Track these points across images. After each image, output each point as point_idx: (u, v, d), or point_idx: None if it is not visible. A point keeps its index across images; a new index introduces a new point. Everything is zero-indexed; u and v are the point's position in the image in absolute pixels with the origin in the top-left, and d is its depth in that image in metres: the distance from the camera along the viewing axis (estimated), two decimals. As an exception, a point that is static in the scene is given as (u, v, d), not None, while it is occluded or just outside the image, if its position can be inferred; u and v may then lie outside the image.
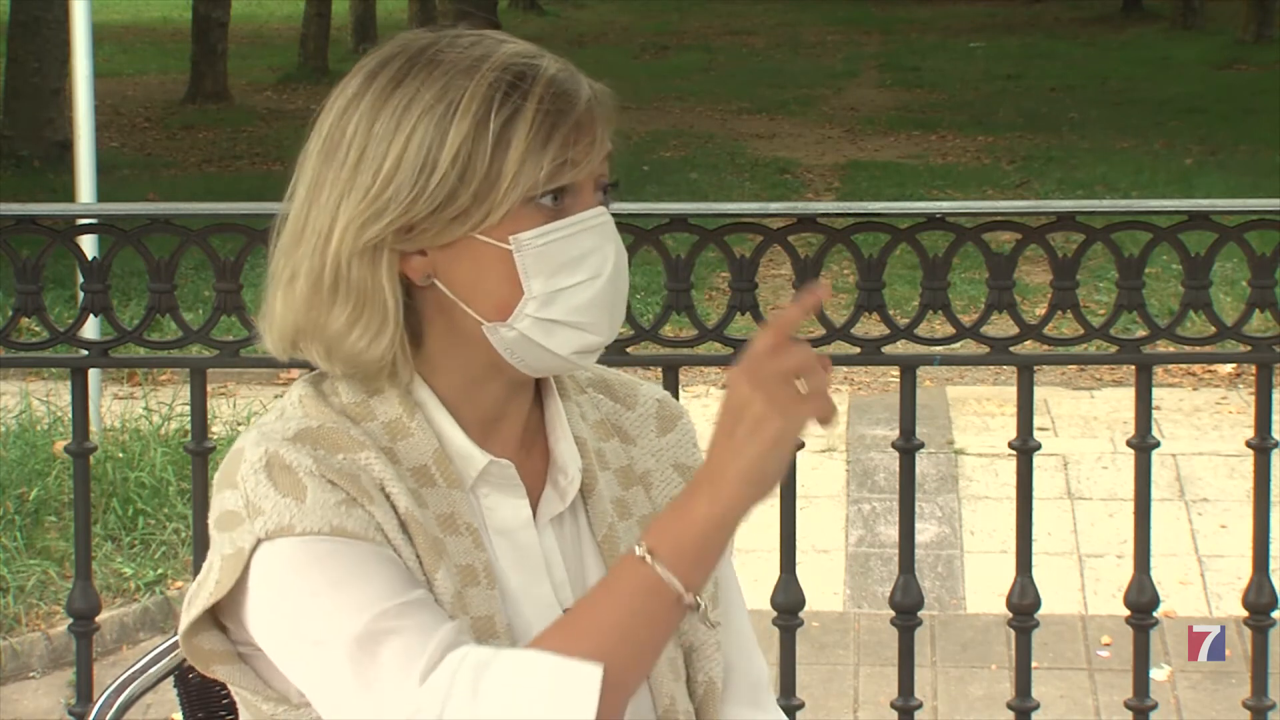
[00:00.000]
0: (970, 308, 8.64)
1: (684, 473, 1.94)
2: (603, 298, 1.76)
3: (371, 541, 1.69)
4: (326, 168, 1.75)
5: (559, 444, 1.85)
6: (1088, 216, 3.55)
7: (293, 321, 1.77)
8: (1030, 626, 3.60)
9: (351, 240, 1.72)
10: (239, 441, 1.78)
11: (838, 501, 7.20)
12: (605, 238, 1.76)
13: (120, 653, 6.04)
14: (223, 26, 19.41)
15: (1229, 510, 7.02)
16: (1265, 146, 15.50)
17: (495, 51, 1.75)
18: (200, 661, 1.76)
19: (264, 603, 1.70)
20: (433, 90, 1.73)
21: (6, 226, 3.55)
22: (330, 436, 1.74)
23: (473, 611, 1.73)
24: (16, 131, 14.84)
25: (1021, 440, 3.54)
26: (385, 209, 1.72)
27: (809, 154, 16.32)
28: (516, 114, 1.71)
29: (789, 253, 3.48)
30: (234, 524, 1.71)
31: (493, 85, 1.72)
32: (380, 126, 1.73)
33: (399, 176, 1.71)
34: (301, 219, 1.76)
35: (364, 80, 1.76)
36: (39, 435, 7.11)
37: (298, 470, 1.70)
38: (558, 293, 1.74)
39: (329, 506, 1.69)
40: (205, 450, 3.60)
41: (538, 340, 1.74)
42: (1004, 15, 29.40)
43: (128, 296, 9.16)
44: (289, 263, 1.76)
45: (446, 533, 1.75)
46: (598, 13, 30.63)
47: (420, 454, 1.77)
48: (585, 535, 1.86)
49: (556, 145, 1.72)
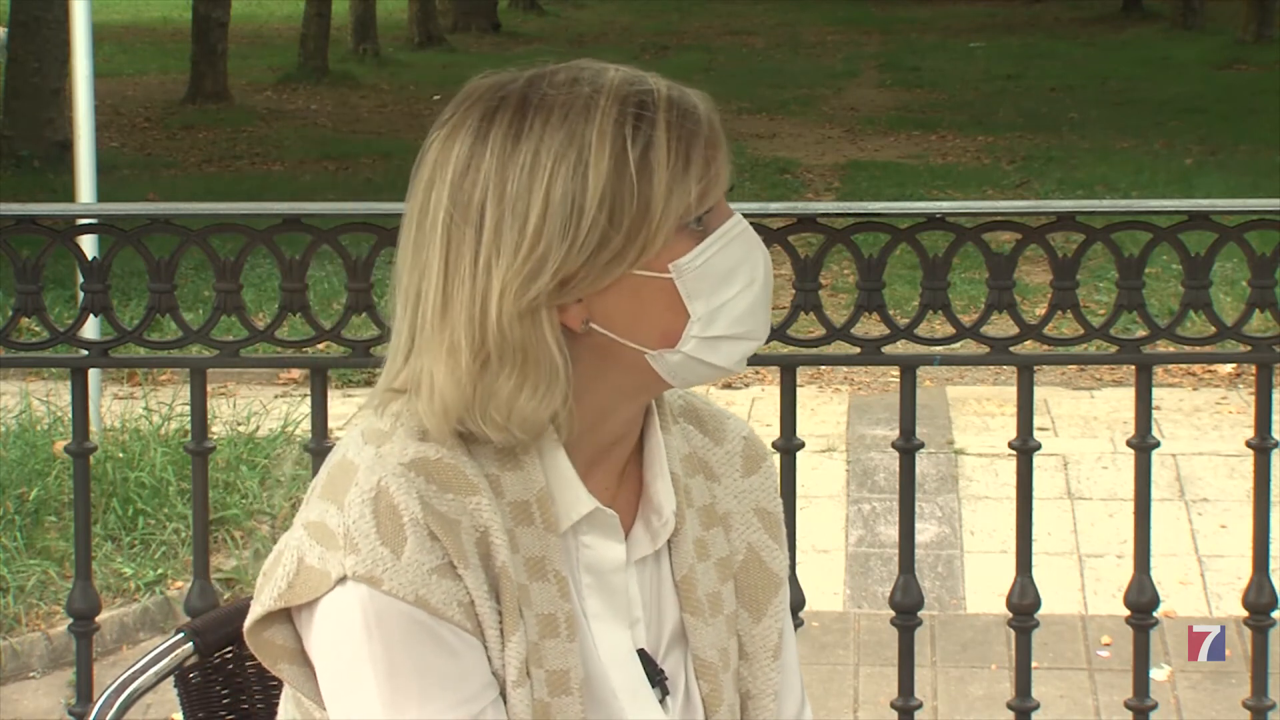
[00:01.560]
0: (970, 308, 8.64)
1: (764, 518, 1.92)
2: (760, 300, 1.77)
3: (450, 622, 1.68)
4: (459, 238, 1.69)
5: (656, 480, 1.83)
6: (1088, 216, 3.55)
7: (458, 393, 1.70)
8: (1030, 626, 3.60)
9: (511, 304, 1.67)
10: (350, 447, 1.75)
11: (838, 501, 7.20)
12: (750, 244, 1.76)
13: (120, 653, 6.04)
14: (223, 26, 19.39)
15: (1229, 510, 7.02)
16: (1265, 146, 15.50)
17: (602, 82, 1.71)
18: (268, 657, 1.75)
19: (326, 638, 1.70)
20: (559, 137, 1.68)
21: (6, 226, 3.54)
22: (445, 473, 1.71)
23: (548, 665, 1.73)
24: (16, 131, 14.83)
25: (1021, 440, 3.54)
26: (542, 266, 1.67)
27: (809, 154, 16.31)
28: (650, 144, 1.69)
29: (789, 253, 3.48)
30: (327, 541, 1.70)
31: (618, 120, 1.69)
32: (513, 185, 1.68)
33: (548, 230, 1.67)
34: (441, 294, 1.70)
35: (476, 139, 1.71)
36: (39, 435, 7.11)
37: (403, 515, 1.68)
38: (720, 308, 1.73)
39: (421, 572, 1.67)
40: (205, 450, 3.59)
41: (703, 358, 1.74)
42: (1004, 15, 29.40)
43: (128, 296, 9.16)
44: (443, 338, 1.70)
45: (533, 578, 1.73)
46: (598, 13, 30.63)
47: (525, 490, 1.74)
48: (665, 575, 1.84)
49: (699, 166, 1.71)
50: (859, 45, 25.88)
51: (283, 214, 3.49)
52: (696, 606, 1.84)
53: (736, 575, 1.88)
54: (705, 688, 1.84)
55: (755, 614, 1.88)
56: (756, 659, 1.88)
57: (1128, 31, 26.59)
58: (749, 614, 1.88)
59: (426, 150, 1.75)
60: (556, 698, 1.72)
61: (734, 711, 1.86)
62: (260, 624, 1.74)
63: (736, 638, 1.87)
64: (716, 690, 1.84)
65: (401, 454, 1.71)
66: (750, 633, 1.88)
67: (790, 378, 3.53)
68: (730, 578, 1.87)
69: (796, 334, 3.49)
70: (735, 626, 1.87)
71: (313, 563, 1.70)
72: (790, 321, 3.45)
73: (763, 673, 1.88)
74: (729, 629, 1.86)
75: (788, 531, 3.52)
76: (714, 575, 1.85)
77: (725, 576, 1.87)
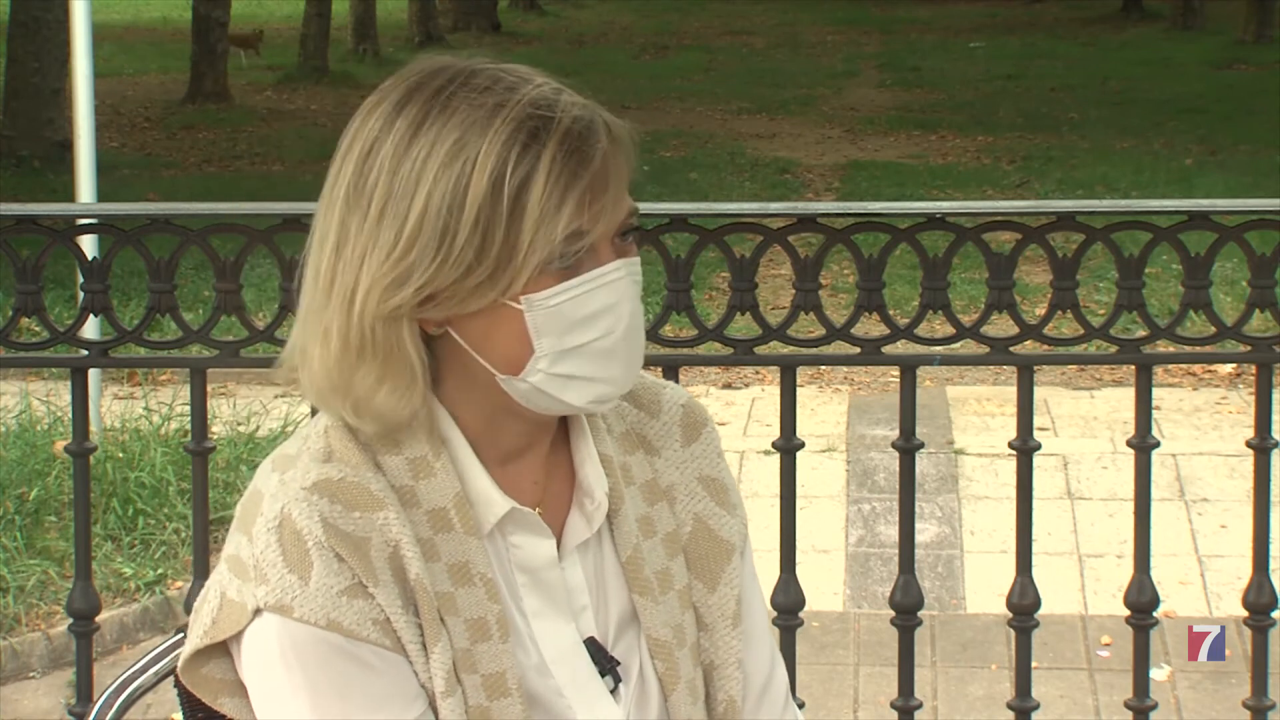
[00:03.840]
0: (970, 308, 8.64)
1: (709, 485, 1.90)
2: (617, 353, 1.72)
3: (366, 641, 1.68)
4: (351, 216, 1.69)
5: (584, 466, 1.81)
6: (1088, 216, 3.55)
7: (326, 377, 1.71)
8: (1030, 626, 3.60)
9: (375, 305, 1.67)
10: (260, 476, 1.75)
11: (838, 501, 7.19)
12: (620, 294, 1.71)
13: (120, 653, 6.04)
14: (223, 26, 19.42)
15: (1229, 510, 7.02)
16: (1265, 146, 15.51)
17: (510, 99, 1.67)
18: (207, 692, 1.75)
19: (252, 670, 1.71)
20: (448, 144, 1.65)
21: (6, 226, 3.54)
22: (349, 492, 1.71)
23: (483, 669, 1.72)
24: (16, 131, 14.84)
25: (1021, 440, 3.54)
26: (409, 275, 1.66)
27: (809, 154, 16.32)
28: (531, 175, 1.64)
29: (789, 253, 3.48)
30: (242, 574, 1.70)
31: (508, 142, 1.65)
32: (401, 179, 1.66)
33: (421, 238, 1.65)
34: (330, 271, 1.70)
35: (385, 122, 1.69)
36: (39, 435, 7.12)
37: (307, 540, 1.68)
38: (572, 350, 1.69)
39: (330, 595, 1.67)
40: (205, 450, 3.59)
41: (551, 393, 1.71)
42: (1004, 15, 29.41)
43: (128, 296, 9.16)
44: (321, 318, 1.71)
45: (458, 585, 1.72)
46: (598, 13, 30.63)
47: (441, 496, 1.74)
48: (609, 556, 1.83)
49: (571, 209, 1.66)
50: (859, 45, 25.89)
51: (283, 214, 3.48)
52: (645, 586, 1.82)
53: (686, 547, 1.86)
54: (661, 667, 1.82)
55: (709, 584, 1.86)
56: (716, 629, 1.86)
57: (1128, 32, 26.60)
58: (703, 585, 1.86)
59: (353, 119, 1.74)
60: (495, 700, 1.72)
61: (694, 687, 1.84)
62: (195, 661, 1.74)
63: (693, 611, 1.86)
64: (673, 668, 1.82)
65: (304, 478, 1.71)
66: (706, 603, 1.86)
67: (790, 378, 3.53)
68: (679, 552, 1.86)
69: (796, 334, 3.49)
70: (690, 600, 1.86)
71: (233, 596, 1.71)
72: (790, 321, 3.45)
73: (724, 642, 1.86)
74: (682, 604, 1.84)
75: (788, 531, 3.55)
76: (661, 551, 1.84)
77: (674, 551, 1.85)
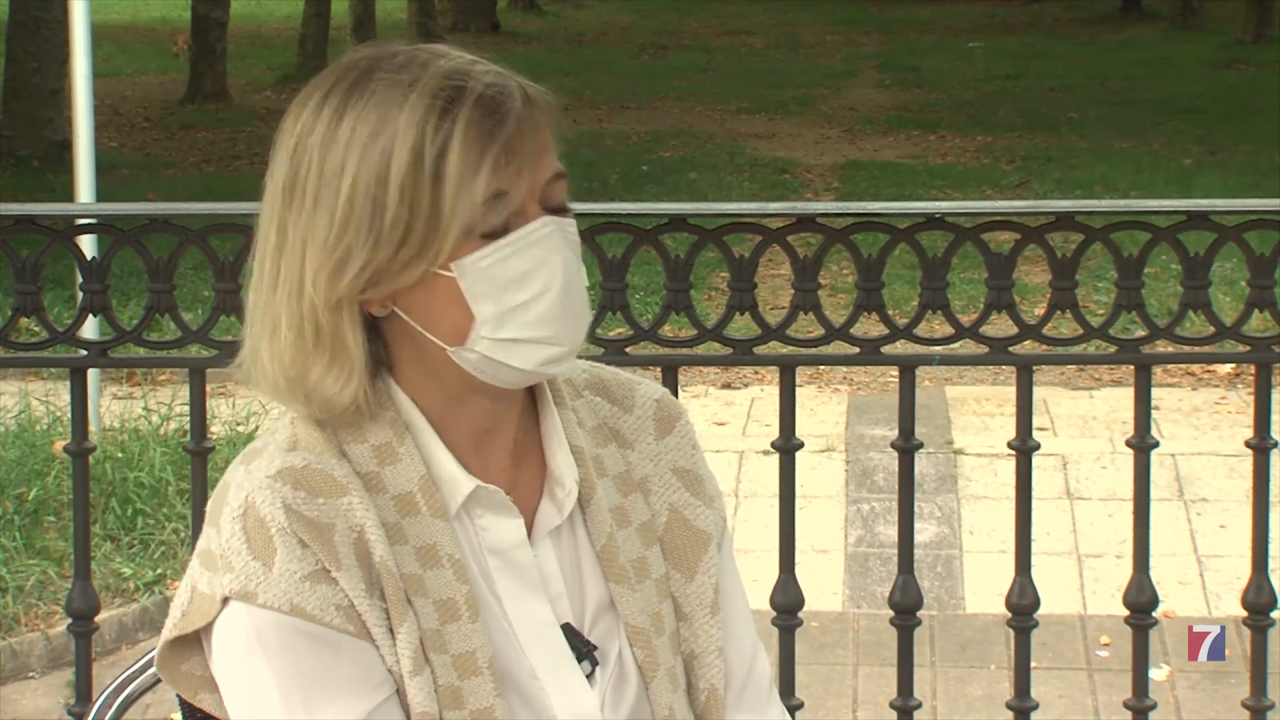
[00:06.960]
0: (969, 308, 8.64)
1: (683, 476, 1.92)
2: (557, 309, 1.72)
3: (329, 626, 1.69)
4: (288, 212, 1.71)
5: (555, 455, 1.83)
6: (1087, 216, 3.55)
7: (281, 372, 1.74)
8: (1029, 626, 3.60)
9: (323, 293, 1.70)
10: (229, 470, 1.77)
11: (837, 501, 7.20)
12: (550, 249, 1.72)
13: (120, 653, 6.04)
14: (222, 26, 19.40)
15: (1228, 510, 7.02)
16: (1265, 146, 15.51)
17: (422, 76, 1.69)
18: (187, 689, 1.77)
19: (221, 660, 1.73)
20: (370, 124, 1.68)
21: (6, 226, 3.54)
22: (313, 479, 1.72)
23: (452, 649, 1.73)
24: (16, 131, 14.83)
25: (1021, 440, 3.54)
26: (348, 258, 1.68)
27: (808, 154, 16.31)
28: (448, 142, 1.67)
29: (788, 253, 3.48)
30: (211, 565, 1.72)
31: (425, 114, 1.67)
32: (330, 166, 1.69)
33: (354, 219, 1.68)
34: (275, 265, 1.73)
35: (311, 115, 1.71)
36: (38, 435, 7.12)
37: (270, 526, 1.69)
38: (508, 312, 1.70)
39: (294, 580, 1.68)
40: (204, 450, 3.59)
41: (500, 359, 1.72)
42: (1004, 15, 29.39)
43: (127, 296, 9.16)
44: (268, 312, 1.73)
45: (426, 567, 1.74)
46: (598, 13, 30.62)
47: (406, 480, 1.75)
48: (584, 546, 1.85)
49: (488, 170, 1.67)
50: (858, 45, 25.87)
51: (282, 214, 3.48)
52: (620, 574, 1.84)
53: (662, 538, 1.88)
54: (640, 654, 1.83)
55: (687, 574, 1.88)
56: (695, 618, 1.88)
57: (1127, 31, 26.59)
58: (680, 574, 1.88)
59: (284, 118, 1.75)
60: (466, 680, 1.73)
61: (674, 675, 1.86)
62: (175, 657, 1.77)
63: (671, 600, 1.87)
64: (651, 656, 1.84)
65: (268, 467, 1.73)
66: (684, 592, 1.88)
67: (789, 378, 3.53)
68: (655, 541, 1.88)
69: (796, 334, 3.49)
70: (668, 589, 1.87)
71: (203, 589, 1.73)
72: (790, 321, 3.46)
73: (703, 631, 1.88)
74: (660, 593, 1.86)
75: (787, 531, 3.55)
76: (637, 540, 1.86)
77: (649, 541, 1.87)
